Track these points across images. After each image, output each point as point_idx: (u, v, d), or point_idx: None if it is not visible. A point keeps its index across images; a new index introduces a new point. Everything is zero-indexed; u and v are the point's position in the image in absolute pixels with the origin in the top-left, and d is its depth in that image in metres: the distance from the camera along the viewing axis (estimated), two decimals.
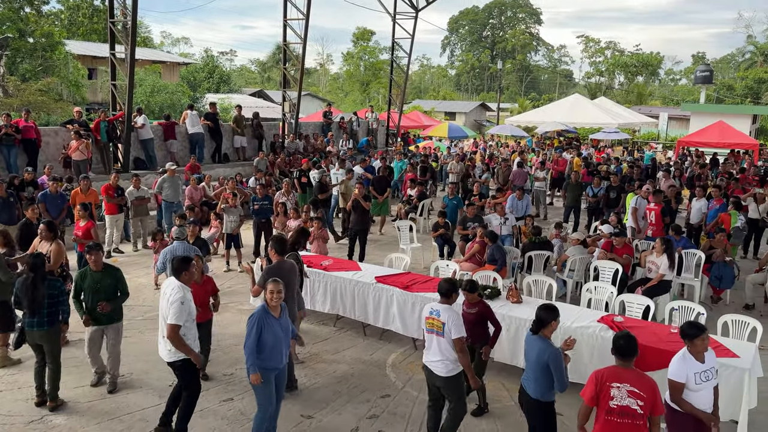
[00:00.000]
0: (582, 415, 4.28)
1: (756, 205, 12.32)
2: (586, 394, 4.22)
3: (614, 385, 4.09)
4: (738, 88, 50.80)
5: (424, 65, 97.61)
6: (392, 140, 26.30)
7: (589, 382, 4.23)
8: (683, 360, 4.52)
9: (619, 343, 4.23)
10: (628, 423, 4.06)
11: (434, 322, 5.20)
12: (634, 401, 4.05)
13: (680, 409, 4.51)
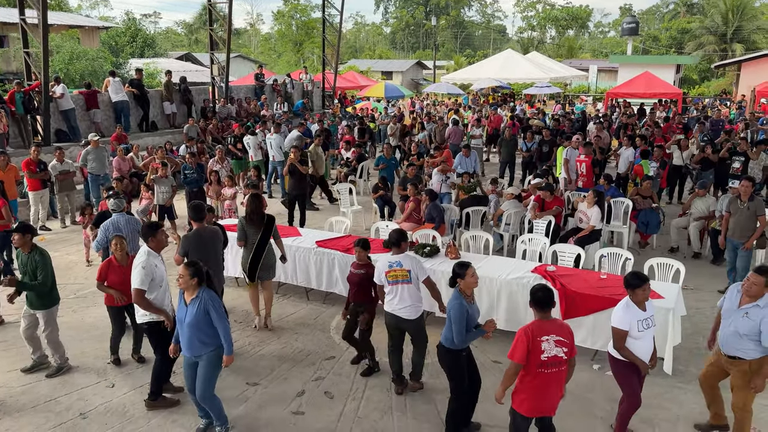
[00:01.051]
0: (511, 375, 4.27)
1: (680, 152, 12.89)
2: (517, 354, 4.18)
3: (543, 338, 4.16)
4: (663, 38, 52.52)
5: (359, 23, 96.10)
6: (329, 102, 25.92)
7: (519, 342, 4.19)
8: (626, 308, 4.63)
9: (537, 295, 4.26)
10: (556, 371, 4.21)
11: (397, 273, 5.56)
12: (561, 349, 4.19)
13: (621, 356, 4.67)
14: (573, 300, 6.40)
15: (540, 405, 4.31)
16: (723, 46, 43.16)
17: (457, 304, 4.77)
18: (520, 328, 4.29)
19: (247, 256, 6.96)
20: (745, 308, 4.66)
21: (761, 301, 4.60)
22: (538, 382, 4.22)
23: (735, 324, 4.69)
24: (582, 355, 6.42)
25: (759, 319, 4.55)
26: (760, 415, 5.40)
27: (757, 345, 4.61)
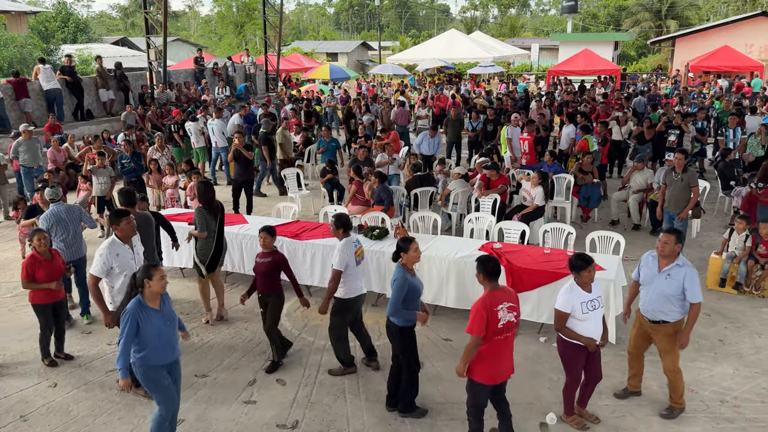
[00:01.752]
0: (472, 348, 4.31)
1: (618, 127, 13.27)
2: (476, 327, 4.25)
3: (498, 307, 4.29)
4: (601, 16, 53.75)
5: (301, 4, 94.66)
6: (273, 85, 25.46)
7: (477, 317, 4.25)
8: (570, 291, 4.66)
9: (489, 266, 4.35)
10: (509, 335, 4.39)
11: (359, 251, 5.69)
12: (512, 314, 4.36)
13: (563, 336, 4.75)
14: (519, 275, 6.54)
15: (499, 370, 4.44)
16: (658, 22, 44.50)
17: (399, 277, 4.89)
18: (476, 303, 4.35)
19: (209, 246, 6.71)
20: (666, 270, 4.86)
21: (679, 260, 4.84)
22: (495, 349, 4.35)
23: (659, 287, 4.88)
24: (529, 328, 6.61)
25: (681, 278, 4.78)
26: (699, 378, 5.68)
27: (681, 305, 4.84)
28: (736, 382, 5.59)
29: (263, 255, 5.89)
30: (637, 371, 5.35)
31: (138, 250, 5.57)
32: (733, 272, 7.49)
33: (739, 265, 7.43)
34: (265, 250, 5.88)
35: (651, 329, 5.03)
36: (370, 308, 7.26)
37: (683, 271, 4.79)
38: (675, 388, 5.05)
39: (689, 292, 4.77)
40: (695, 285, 4.78)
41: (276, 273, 5.88)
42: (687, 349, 6.10)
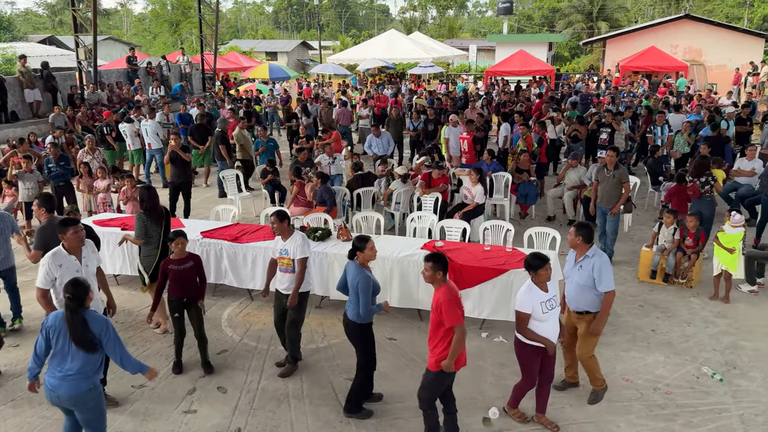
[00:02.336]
0: (462, 339, 4.30)
1: (553, 126, 13.65)
2: (456, 316, 4.25)
3: (459, 295, 4.44)
4: (536, 17, 55.22)
5: (239, 2, 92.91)
6: (210, 84, 24.89)
7: (451, 307, 4.25)
8: (529, 291, 4.63)
9: (443, 261, 4.45)
10: None
11: (284, 261, 5.66)
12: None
13: (525, 339, 4.71)
14: (461, 273, 6.61)
15: (462, 357, 4.50)
16: (590, 24, 46.09)
17: (363, 276, 4.87)
18: (441, 297, 4.32)
19: (153, 254, 6.42)
20: (579, 262, 5.05)
21: (589, 252, 5.01)
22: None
23: (574, 278, 5.06)
24: (471, 324, 6.68)
25: (590, 267, 4.94)
26: (633, 367, 5.90)
27: (599, 296, 4.99)
28: (668, 370, 5.84)
29: (182, 261, 5.73)
30: (571, 362, 5.50)
31: (89, 262, 5.15)
32: (663, 264, 7.82)
33: (668, 258, 7.76)
34: (181, 256, 5.74)
35: (576, 319, 5.19)
36: (314, 311, 7.19)
37: (592, 261, 4.95)
38: (591, 372, 5.22)
39: (598, 282, 4.91)
40: (604, 274, 4.89)
41: (197, 275, 5.84)
42: (621, 339, 6.35)
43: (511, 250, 6.97)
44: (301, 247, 5.61)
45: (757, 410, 5.20)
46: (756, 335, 6.49)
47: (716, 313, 7.04)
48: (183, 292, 5.76)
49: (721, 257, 7.26)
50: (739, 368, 5.85)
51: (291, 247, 5.62)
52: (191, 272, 5.76)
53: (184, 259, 5.76)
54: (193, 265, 5.79)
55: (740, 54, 26.09)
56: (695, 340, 6.42)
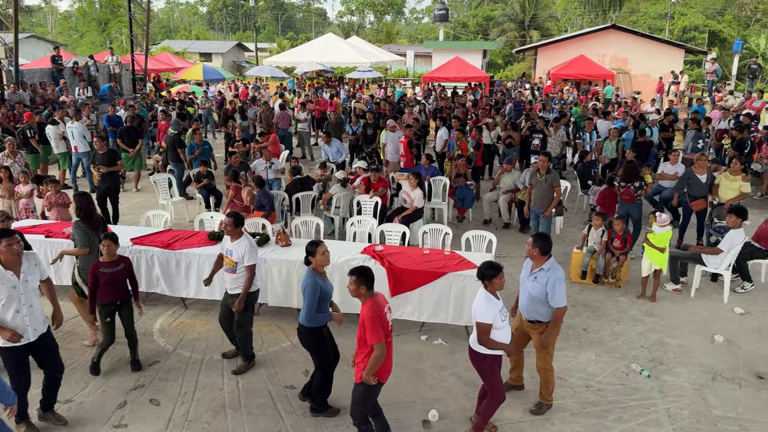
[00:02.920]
0: (381, 356, 4.27)
1: (488, 132, 13.93)
2: (378, 335, 4.24)
3: (384, 310, 4.41)
4: (470, 25, 56.35)
5: (171, 2, 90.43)
6: (140, 86, 24.06)
7: (376, 323, 4.26)
8: (488, 301, 4.57)
9: (369, 273, 4.43)
10: (392, 336, 4.52)
11: (228, 261, 5.71)
12: (392, 315, 4.54)
13: (488, 349, 4.62)
14: (400, 276, 6.63)
15: (389, 369, 4.55)
16: (522, 32, 47.46)
17: (310, 281, 4.88)
18: (365, 312, 4.33)
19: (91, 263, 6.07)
20: (534, 273, 5.08)
21: (546, 265, 5.02)
22: (388, 350, 4.43)
23: (527, 288, 5.10)
24: (410, 328, 6.73)
25: (545, 282, 4.97)
26: (567, 366, 6.07)
27: (549, 307, 5.03)
28: (599, 368, 6.05)
29: (112, 264, 5.62)
30: (516, 365, 5.57)
31: (29, 276, 4.73)
32: (593, 265, 8.12)
33: (598, 259, 8.06)
34: (110, 258, 5.61)
35: (528, 327, 5.24)
36: None
37: (547, 275, 4.96)
38: (546, 384, 5.29)
39: (551, 297, 4.94)
40: (557, 290, 4.90)
41: (127, 277, 5.75)
42: (556, 339, 6.51)
43: (449, 254, 7.05)
44: (249, 253, 5.61)
45: (682, 404, 5.45)
46: (680, 332, 6.82)
47: (644, 311, 7.36)
48: (115, 295, 5.66)
49: (652, 257, 7.56)
50: (665, 364, 6.13)
51: (237, 250, 5.63)
52: (122, 274, 5.67)
53: (115, 261, 5.65)
54: (124, 267, 5.70)
55: (663, 63, 27.49)
56: (624, 338, 6.69)
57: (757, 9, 48.22)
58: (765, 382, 5.82)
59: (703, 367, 6.06)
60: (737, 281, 7.98)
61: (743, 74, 27.11)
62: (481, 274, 4.65)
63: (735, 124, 13.82)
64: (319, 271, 5.00)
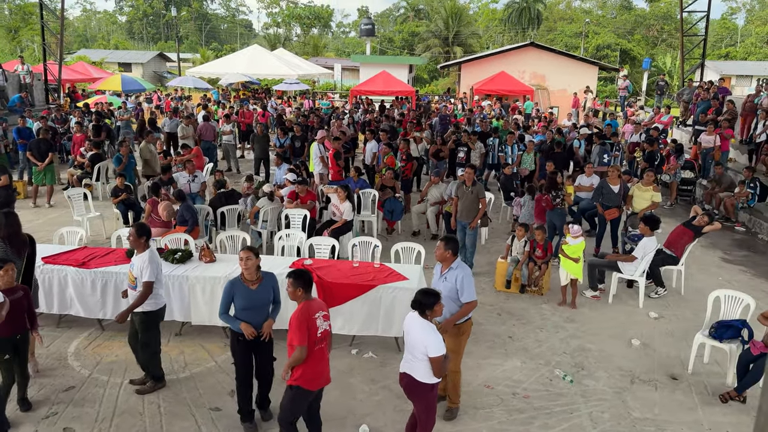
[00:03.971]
0: (298, 357, 4.32)
1: (416, 145, 14.13)
2: (298, 337, 4.29)
3: (315, 316, 4.42)
4: (396, 40, 57.25)
5: (88, 10, 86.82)
6: (54, 96, 22.86)
7: (298, 327, 4.31)
8: (434, 331, 4.39)
9: (305, 277, 4.48)
10: (326, 343, 4.55)
11: (130, 276, 5.52)
12: (327, 323, 4.54)
13: (435, 379, 4.45)
14: (330, 290, 6.57)
15: (319, 377, 4.52)
16: (446, 48, 48.64)
17: (228, 282, 5.08)
18: (294, 315, 4.40)
19: None
20: (444, 274, 5.25)
21: (454, 264, 5.22)
22: (315, 359, 4.43)
23: (440, 291, 5.07)
24: (341, 342, 6.66)
25: (454, 279, 5.16)
26: (493, 374, 6.18)
27: (461, 305, 5.16)
28: (525, 374, 6.20)
29: (12, 290, 5.09)
30: None
31: None
32: (517, 274, 8.34)
33: (521, 268, 8.29)
34: (11, 285, 5.12)
35: (440, 330, 5.30)
36: (173, 338, 6.76)
37: (455, 273, 5.16)
38: (455, 387, 5.38)
39: (461, 293, 5.12)
40: (467, 285, 5.11)
41: (27, 307, 5.26)
42: (482, 347, 6.63)
43: (379, 266, 7.05)
44: (147, 269, 5.38)
45: (603, 408, 5.66)
46: (600, 337, 7.10)
47: (565, 318, 7.62)
48: (15, 327, 5.10)
49: (567, 267, 7.87)
50: (586, 369, 6.35)
51: (137, 264, 5.44)
52: (22, 303, 5.16)
53: (14, 289, 5.13)
54: (24, 295, 5.21)
55: (578, 80, 28.84)
56: (548, 344, 6.89)
57: (663, 30, 51.67)
58: (678, 382, 6.14)
59: (622, 371, 6.33)
60: (651, 287, 8.41)
61: (652, 90, 28.88)
62: (422, 305, 4.41)
63: (645, 138, 14.66)
64: (243, 278, 5.01)
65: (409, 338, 4.47)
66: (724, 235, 11.18)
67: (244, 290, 4.98)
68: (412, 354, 4.45)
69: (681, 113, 20.00)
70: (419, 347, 4.35)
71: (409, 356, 4.50)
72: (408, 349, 4.50)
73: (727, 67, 42.80)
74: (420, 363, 4.40)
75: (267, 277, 5.15)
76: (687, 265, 8.57)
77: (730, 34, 60.15)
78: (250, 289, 5.00)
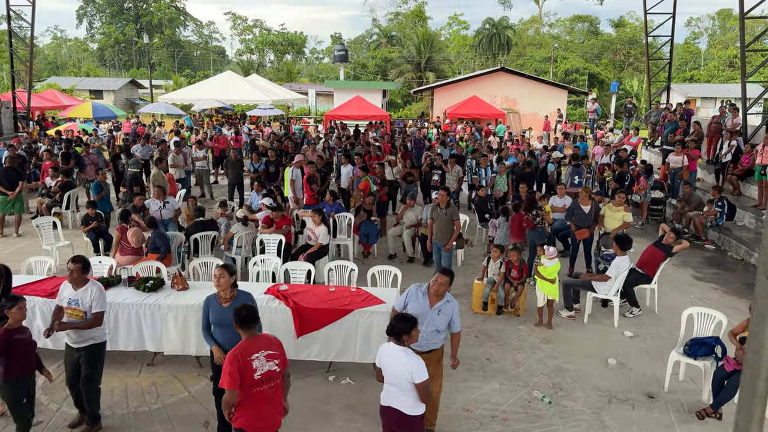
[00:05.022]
0: (228, 401, 4.08)
1: (390, 168, 14.19)
2: (228, 381, 4.02)
3: (253, 357, 4.10)
4: (370, 66, 57.81)
5: (58, 38, 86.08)
6: (23, 124, 22.50)
7: (226, 369, 4.05)
8: (416, 356, 4.31)
9: (241, 314, 4.21)
10: (272, 386, 4.19)
11: (73, 312, 5.25)
12: (273, 363, 4.18)
13: (425, 403, 4.37)
14: (306, 316, 6.49)
15: (261, 424, 4.20)
16: (419, 74, 49.24)
17: (206, 298, 5.11)
18: (228, 354, 4.16)
19: None
20: (437, 306, 5.11)
21: (447, 296, 5.19)
22: (255, 402, 4.14)
23: (433, 323, 5.08)
24: (318, 368, 6.58)
25: (450, 312, 5.14)
26: (472, 397, 6.14)
27: (444, 333, 5.19)
28: (503, 397, 6.17)
29: (23, 329, 4.95)
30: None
31: None
32: (494, 296, 8.36)
33: (498, 290, 8.31)
34: (18, 324, 4.93)
35: (426, 359, 5.23)
36: (145, 369, 6.60)
37: (451, 306, 5.14)
38: (433, 408, 5.32)
39: (454, 324, 5.15)
40: (458, 316, 5.22)
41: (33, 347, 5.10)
42: (460, 370, 6.58)
43: (355, 290, 7.00)
44: (98, 299, 5.27)
45: (581, 428, 5.65)
46: (576, 357, 7.13)
47: (542, 338, 7.64)
48: (31, 366, 4.98)
49: (543, 287, 7.92)
50: (564, 390, 6.35)
51: (85, 297, 5.24)
52: (32, 342, 5.03)
53: (23, 328, 4.99)
54: (29, 333, 5.07)
55: (548, 103, 29.44)
56: (525, 366, 6.88)
57: (630, 54, 53.10)
58: (655, 401, 6.17)
59: (599, 391, 6.34)
60: (626, 306, 8.49)
61: (620, 113, 29.54)
62: (396, 330, 4.29)
63: (615, 159, 14.96)
64: (219, 295, 5.03)
65: (391, 369, 4.29)
66: (695, 253, 11.39)
67: (216, 307, 4.98)
68: (397, 386, 4.29)
69: (649, 134, 20.48)
70: (404, 376, 4.21)
71: (392, 389, 4.33)
72: (390, 382, 4.33)
73: (692, 89, 44.07)
74: (407, 394, 4.26)
75: (241, 296, 5.04)
76: (660, 283, 8.69)
77: (693, 57, 62.07)
78: (222, 306, 4.95)
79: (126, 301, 6.61)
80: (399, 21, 66.30)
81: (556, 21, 69.84)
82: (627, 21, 62.29)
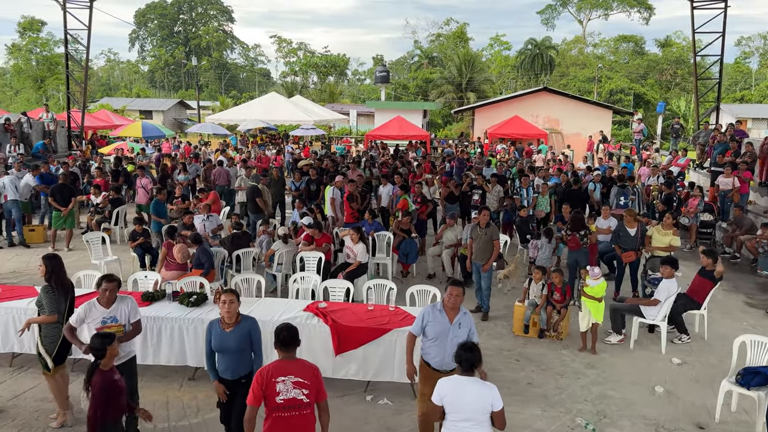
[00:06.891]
0: (248, 419, 4.05)
1: (427, 188, 14.17)
2: (250, 396, 4.03)
3: (279, 379, 4.01)
4: (411, 87, 58.15)
5: (112, 60, 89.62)
6: (76, 143, 23.41)
7: (253, 384, 4.05)
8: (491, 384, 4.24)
9: (282, 335, 4.15)
10: (296, 415, 4.03)
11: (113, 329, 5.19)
12: (300, 391, 4.03)
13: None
14: (344, 334, 6.49)
15: None
16: (460, 94, 49.26)
17: (209, 323, 5.04)
18: (258, 369, 4.19)
19: (58, 332, 5.59)
20: (456, 321, 5.07)
21: (462, 309, 5.16)
22: (279, 429, 4.04)
23: (456, 338, 4.94)
24: (355, 388, 6.54)
25: (469, 322, 5.11)
26: (512, 422, 5.98)
27: None
28: (545, 423, 6.00)
29: (113, 371, 4.57)
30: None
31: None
32: (535, 318, 8.19)
33: (540, 313, 8.13)
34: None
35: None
36: (186, 382, 6.69)
37: (468, 317, 5.14)
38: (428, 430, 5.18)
39: (472, 335, 5.09)
40: (475, 327, 5.19)
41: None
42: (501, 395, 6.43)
43: (394, 309, 6.97)
44: (135, 309, 5.47)
45: None
46: (621, 384, 6.89)
47: (585, 364, 7.42)
48: (123, 407, 4.58)
49: (591, 307, 7.67)
50: (609, 417, 6.14)
51: (121, 312, 5.35)
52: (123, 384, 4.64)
53: (113, 370, 4.59)
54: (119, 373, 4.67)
55: (592, 123, 28.95)
56: (568, 391, 6.70)
57: (676, 74, 52.01)
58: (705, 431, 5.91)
59: (646, 419, 6.11)
60: (674, 333, 8.20)
61: (667, 133, 28.86)
62: (471, 362, 4.13)
63: (664, 181, 14.59)
64: (222, 320, 4.96)
65: (464, 404, 4.04)
66: (747, 278, 10.95)
67: (218, 332, 4.91)
68: (472, 420, 4.05)
69: (697, 156, 19.91)
70: (482, 407, 4.01)
71: (464, 425, 4.06)
72: (462, 418, 4.06)
73: (743, 110, 42.79)
74: (483, 426, 4.06)
75: (245, 321, 4.97)
76: (709, 309, 8.37)
77: (744, 77, 60.39)
78: (224, 331, 4.90)
79: (170, 315, 6.75)
80: (440, 42, 66.63)
81: (600, 41, 69.12)
82: (673, 41, 61.13)
